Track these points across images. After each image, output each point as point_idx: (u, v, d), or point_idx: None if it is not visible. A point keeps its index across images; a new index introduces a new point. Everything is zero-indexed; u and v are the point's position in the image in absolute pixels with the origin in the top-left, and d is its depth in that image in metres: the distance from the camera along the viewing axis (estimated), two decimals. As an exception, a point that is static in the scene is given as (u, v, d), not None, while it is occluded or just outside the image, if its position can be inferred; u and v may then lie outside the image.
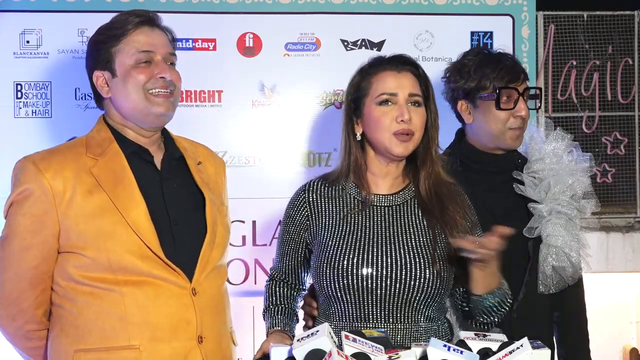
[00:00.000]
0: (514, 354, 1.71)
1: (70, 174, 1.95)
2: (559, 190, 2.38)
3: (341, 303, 2.04)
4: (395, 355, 1.72)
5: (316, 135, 3.34)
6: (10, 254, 1.96)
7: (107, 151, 2.00)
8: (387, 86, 2.06)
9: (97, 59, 2.02)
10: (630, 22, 4.13)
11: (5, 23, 3.18)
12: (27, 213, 1.94)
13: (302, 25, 3.31)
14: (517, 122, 2.34)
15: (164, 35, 2.05)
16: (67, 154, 2.00)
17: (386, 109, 2.05)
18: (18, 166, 1.99)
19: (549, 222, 2.35)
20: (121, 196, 1.95)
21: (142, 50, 1.99)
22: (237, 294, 3.21)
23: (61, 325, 1.98)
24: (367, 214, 2.08)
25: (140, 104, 1.99)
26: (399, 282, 2.00)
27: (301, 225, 2.15)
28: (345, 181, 2.13)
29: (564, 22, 4.07)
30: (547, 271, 2.34)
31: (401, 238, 2.05)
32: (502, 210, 2.35)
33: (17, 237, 1.96)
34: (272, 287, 2.22)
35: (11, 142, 3.18)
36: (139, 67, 1.99)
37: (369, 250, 2.03)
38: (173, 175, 2.06)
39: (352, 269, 2.01)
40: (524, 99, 2.35)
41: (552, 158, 2.42)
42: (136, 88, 1.98)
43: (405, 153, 2.06)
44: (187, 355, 1.96)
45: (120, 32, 1.99)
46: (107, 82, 2.02)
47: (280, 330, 2.11)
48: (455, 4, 3.37)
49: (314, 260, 2.10)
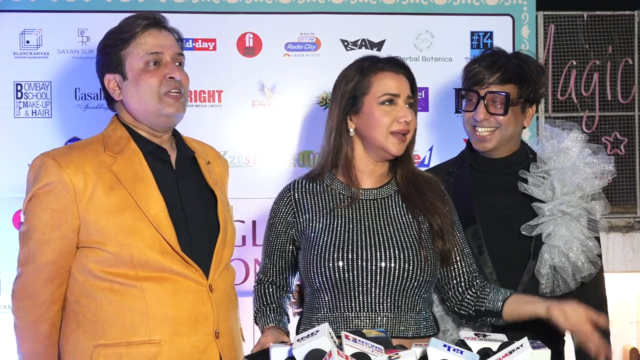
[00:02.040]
0: (514, 354, 1.71)
1: (90, 170, 1.97)
2: (567, 190, 2.35)
3: (329, 295, 2.08)
4: (395, 355, 1.72)
5: (316, 135, 3.33)
6: (29, 249, 1.98)
7: (125, 149, 2.03)
8: (390, 87, 2.11)
9: (108, 62, 2.05)
10: (630, 22, 4.14)
11: (5, 23, 3.18)
12: (47, 208, 1.96)
13: (302, 25, 3.32)
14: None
15: (172, 36, 2.09)
16: (86, 150, 2.02)
17: (388, 108, 2.11)
18: (38, 162, 2.00)
19: (550, 222, 2.33)
20: (141, 193, 1.99)
21: (151, 52, 2.02)
22: (237, 294, 3.21)
23: (77, 321, 1.99)
24: (354, 207, 2.14)
25: (152, 106, 2.02)
26: (385, 272, 2.06)
27: (287, 225, 2.19)
28: (329, 177, 2.18)
29: (564, 22, 4.08)
30: (543, 271, 2.32)
31: (388, 230, 2.11)
32: (509, 210, 2.36)
33: (37, 231, 1.97)
34: (260, 290, 2.26)
35: (11, 142, 3.18)
36: (149, 70, 2.02)
37: (357, 243, 2.08)
38: (187, 174, 2.11)
39: (341, 261, 2.06)
40: (484, 103, 2.33)
41: (561, 157, 2.39)
42: (150, 92, 2.01)
43: (401, 152, 2.13)
44: (205, 350, 2.00)
45: (129, 35, 2.02)
46: (118, 85, 2.05)
47: (274, 326, 2.14)
48: (455, 4, 3.37)
49: (302, 254, 2.14)
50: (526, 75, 2.36)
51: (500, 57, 2.38)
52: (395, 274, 2.06)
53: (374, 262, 2.06)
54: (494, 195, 2.38)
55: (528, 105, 2.40)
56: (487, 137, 2.36)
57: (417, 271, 2.07)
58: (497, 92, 2.32)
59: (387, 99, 2.10)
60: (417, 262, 2.07)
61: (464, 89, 2.40)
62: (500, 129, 2.34)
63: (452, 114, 3.36)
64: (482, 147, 2.39)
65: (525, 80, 2.35)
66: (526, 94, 2.36)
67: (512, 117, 2.35)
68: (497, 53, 2.42)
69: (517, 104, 2.35)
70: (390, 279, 2.06)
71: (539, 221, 2.34)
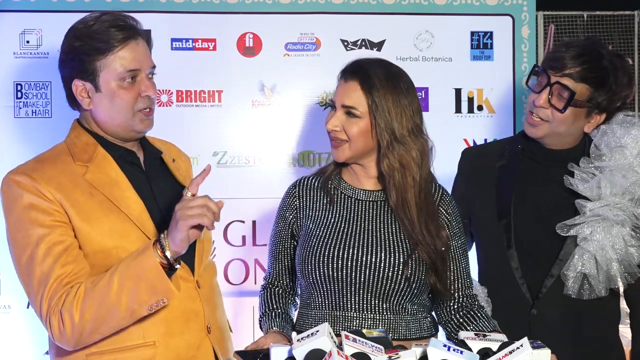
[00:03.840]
0: (513, 354, 1.71)
1: (66, 180, 1.94)
2: (616, 191, 2.24)
3: (322, 291, 2.11)
4: (395, 355, 1.72)
5: (316, 135, 3.34)
6: (42, 270, 1.87)
7: (94, 156, 2.00)
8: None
9: (79, 68, 1.97)
10: (630, 22, 4.14)
11: (5, 23, 3.18)
12: (35, 224, 1.88)
13: (302, 25, 3.31)
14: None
15: (145, 45, 2.03)
16: (55, 162, 1.98)
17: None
18: (8, 182, 1.93)
19: (589, 224, 2.24)
20: (119, 197, 1.97)
21: (129, 69, 1.97)
22: (237, 294, 3.21)
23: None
24: (353, 207, 2.16)
25: (124, 121, 2.00)
26: (379, 272, 2.07)
27: (289, 221, 2.22)
28: (335, 175, 2.21)
29: (564, 22, 4.08)
30: (571, 274, 2.26)
31: (383, 231, 2.12)
32: (551, 204, 2.31)
33: (37, 247, 1.88)
34: (266, 294, 2.26)
35: (11, 142, 3.18)
36: (124, 87, 1.97)
37: (352, 241, 2.10)
38: (157, 174, 2.10)
39: (335, 258, 2.08)
40: (549, 90, 2.23)
41: (617, 155, 2.28)
42: (124, 108, 1.98)
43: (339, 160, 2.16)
44: (200, 346, 2.01)
45: (106, 47, 1.95)
46: (88, 94, 1.99)
47: (278, 331, 2.13)
48: (455, 4, 3.36)
49: (299, 248, 2.16)
50: (607, 82, 2.23)
51: (592, 52, 2.24)
52: (386, 276, 2.07)
53: (364, 262, 2.07)
54: (538, 187, 2.33)
55: (597, 112, 2.28)
56: (537, 125, 2.28)
57: (407, 274, 2.07)
58: (566, 87, 2.21)
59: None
60: (408, 268, 2.07)
61: (539, 68, 2.29)
62: (551, 124, 2.26)
63: (452, 114, 3.37)
64: (529, 132, 2.32)
65: (604, 86, 2.23)
66: (598, 99, 2.23)
67: (569, 117, 2.24)
68: (592, 45, 2.26)
69: (582, 107, 2.23)
70: (381, 280, 2.07)
71: (576, 221, 2.26)
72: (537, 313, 2.32)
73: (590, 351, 2.35)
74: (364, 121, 2.09)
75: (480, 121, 3.39)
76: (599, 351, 2.37)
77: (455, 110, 3.38)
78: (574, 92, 2.20)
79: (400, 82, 2.11)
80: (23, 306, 3.10)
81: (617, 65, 2.25)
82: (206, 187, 1.95)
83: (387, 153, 2.09)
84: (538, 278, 2.31)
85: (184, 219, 1.83)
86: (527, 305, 2.33)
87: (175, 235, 1.84)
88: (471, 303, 2.19)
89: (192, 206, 1.83)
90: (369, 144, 2.12)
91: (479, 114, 3.39)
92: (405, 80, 2.13)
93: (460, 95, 3.38)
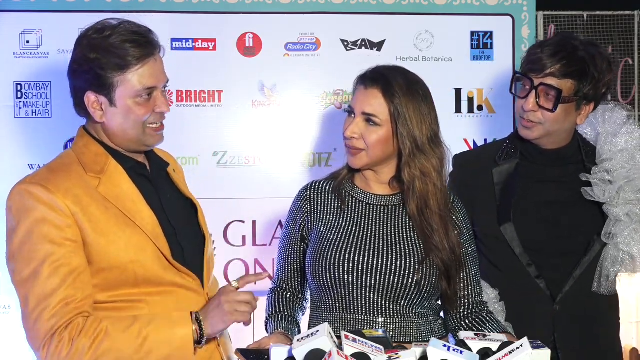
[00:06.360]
0: (513, 354, 1.71)
1: (81, 192, 1.89)
2: (633, 189, 2.30)
3: (332, 294, 2.10)
4: (395, 355, 1.72)
5: (316, 135, 3.34)
6: (43, 288, 1.83)
7: (106, 168, 1.96)
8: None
9: (94, 82, 1.91)
10: (630, 22, 4.13)
11: (5, 23, 3.18)
12: (45, 240, 1.83)
13: (302, 25, 3.31)
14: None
15: (161, 60, 1.99)
16: (69, 173, 1.92)
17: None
18: (21, 191, 1.87)
19: (626, 226, 2.29)
20: (133, 210, 1.94)
21: (147, 87, 1.93)
22: (237, 294, 3.21)
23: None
24: (365, 211, 2.15)
25: (136, 136, 1.96)
26: (390, 276, 2.06)
27: (301, 225, 2.20)
28: (348, 180, 2.20)
29: (564, 22, 4.07)
30: (612, 275, 2.32)
31: (394, 235, 2.11)
32: (557, 204, 2.32)
33: (44, 264, 1.83)
34: (273, 297, 2.26)
35: (11, 142, 3.18)
36: (140, 103, 1.93)
37: (363, 245, 2.09)
38: (163, 186, 2.08)
39: (346, 261, 2.07)
40: (535, 93, 2.24)
41: (624, 156, 2.32)
42: (137, 123, 1.94)
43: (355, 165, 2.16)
44: (211, 357, 2.00)
45: (123, 64, 1.89)
46: (101, 107, 1.93)
47: (282, 333, 2.13)
48: (455, 4, 3.37)
49: (309, 251, 2.15)
50: (588, 71, 2.22)
51: (566, 46, 2.24)
52: (396, 280, 2.06)
53: (375, 265, 2.07)
54: (538, 187, 2.34)
55: (585, 103, 2.28)
56: (531, 127, 2.28)
57: (418, 279, 2.07)
58: (551, 86, 2.21)
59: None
60: (418, 272, 2.07)
61: (519, 73, 2.29)
62: (544, 125, 2.26)
63: (452, 114, 3.37)
64: (525, 134, 2.32)
65: (586, 77, 2.23)
66: (584, 91, 2.23)
67: (560, 114, 2.24)
68: (564, 40, 2.27)
69: (571, 101, 2.24)
70: (391, 284, 2.06)
71: (615, 226, 2.31)
72: (560, 309, 2.32)
73: (597, 349, 2.39)
74: (384, 129, 2.08)
75: (480, 121, 3.40)
76: (603, 348, 2.43)
77: (455, 110, 3.38)
78: (560, 89, 2.21)
79: (420, 90, 2.10)
80: (23, 306, 3.11)
81: (593, 54, 2.25)
82: (206, 187, 1.95)
83: (409, 161, 2.08)
84: (554, 276, 2.31)
85: (232, 315, 1.90)
86: (549, 302, 2.33)
87: (218, 324, 1.91)
88: (480, 309, 2.20)
89: (241, 301, 1.91)
90: (387, 152, 2.11)
91: (479, 114, 3.40)
92: (424, 88, 2.12)
93: (460, 95, 3.38)
